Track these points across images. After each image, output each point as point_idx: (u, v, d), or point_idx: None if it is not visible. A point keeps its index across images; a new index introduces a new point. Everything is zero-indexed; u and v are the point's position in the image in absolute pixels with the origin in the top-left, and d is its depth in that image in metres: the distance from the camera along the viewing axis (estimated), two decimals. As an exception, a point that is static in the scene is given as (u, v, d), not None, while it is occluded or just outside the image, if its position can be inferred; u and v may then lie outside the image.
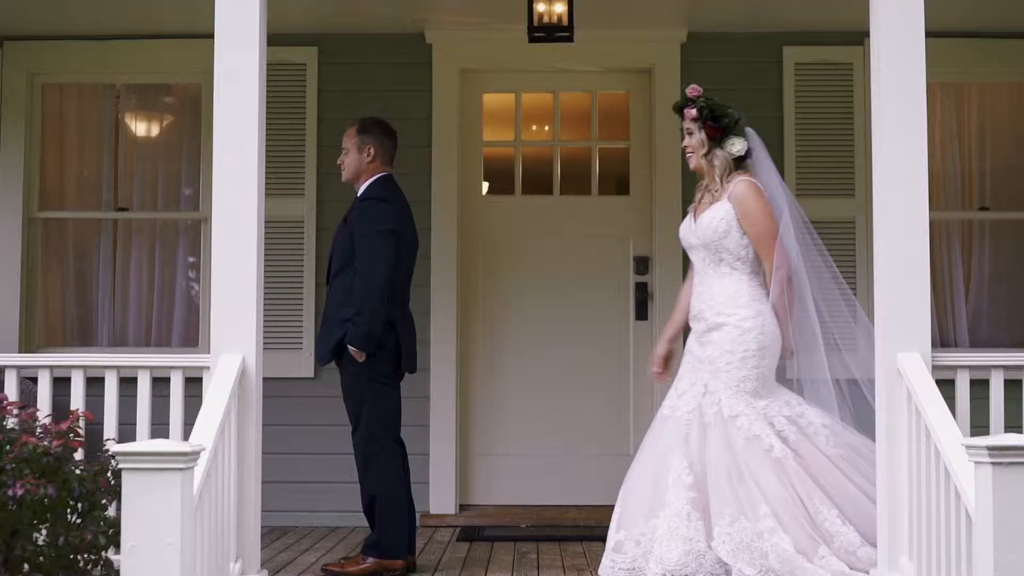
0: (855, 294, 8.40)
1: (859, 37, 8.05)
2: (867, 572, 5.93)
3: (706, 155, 6.48)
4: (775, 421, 6.20)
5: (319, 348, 6.85)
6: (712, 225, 6.36)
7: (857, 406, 6.34)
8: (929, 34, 6.00)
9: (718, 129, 6.45)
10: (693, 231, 6.46)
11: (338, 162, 6.97)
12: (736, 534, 5.94)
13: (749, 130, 6.54)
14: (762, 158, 6.54)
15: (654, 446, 6.31)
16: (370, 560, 6.54)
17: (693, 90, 6.55)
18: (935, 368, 5.83)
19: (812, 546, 5.95)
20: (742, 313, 6.29)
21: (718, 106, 6.48)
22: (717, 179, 6.45)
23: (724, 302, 6.33)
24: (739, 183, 6.38)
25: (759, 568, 5.88)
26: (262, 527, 6.08)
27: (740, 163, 6.48)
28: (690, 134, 6.52)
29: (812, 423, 6.25)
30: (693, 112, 6.48)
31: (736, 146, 6.45)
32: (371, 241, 6.59)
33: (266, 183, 6.25)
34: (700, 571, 5.97)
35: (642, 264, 8.80)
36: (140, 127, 9.12)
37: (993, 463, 4.51)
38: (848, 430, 6.29)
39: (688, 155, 6.57)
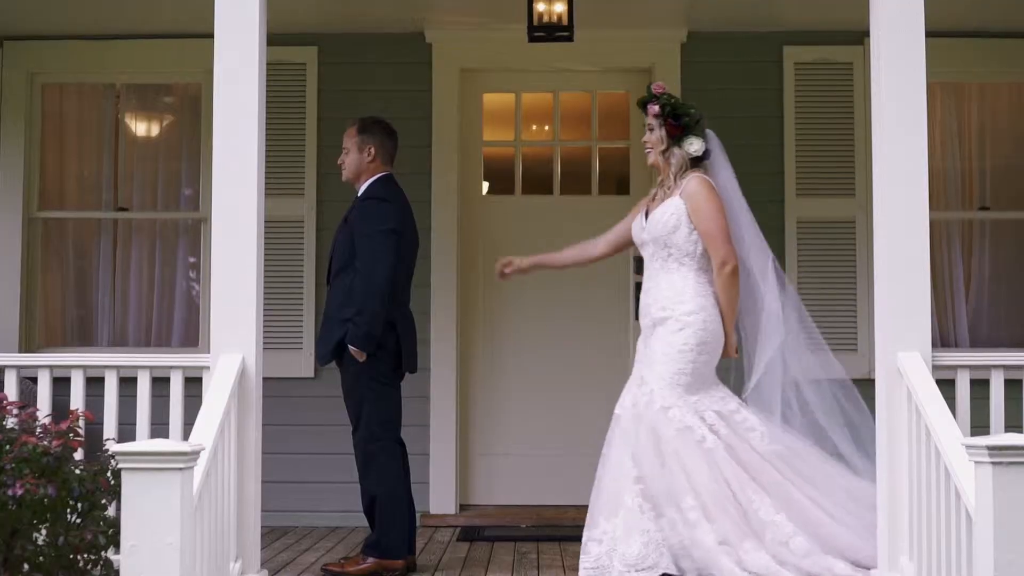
0: (855, 293, 8.50)
1: (859, 37, 8.05)
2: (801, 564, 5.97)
3: (664, 152, 6.54)
4: (706, 415, 6.25)
5: (319, 348, 6.84)
6: (663, 220, 6.42)
7: (805, 408, 6.40)
8: (929, 34, 6.00)
9: (678, 127, 6.50)
10: (644, 228, 6.52)
11: (339, 162, 6.96)
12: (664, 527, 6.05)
13: (709, 131, 6.61)
14: (720, 159, 6.60)
15: (608, 447, 6.40)
16: (370, 560, 6.53)
17: (657, 87, 6.61)
18: (935, 368, 5.83)
19: (739, 538, 5.99)
20: (685, 308, 6.35)
21: (680, 105, 6.55)
22: (672, 176, 6.52)
23: (669, 296, 6.40)
24: (692, 179, 6.44)
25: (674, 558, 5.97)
26: (262, 527, 6.08)
27: (697, 163, 6.54)
28: (651, 130, 6.59)
29: (747, 420, 6.30)
30: (655, 108, 6.54)
31: (694, 146, 6.51)
32: (372, 241, 6.59)
33: (266, 183, 6.25)
34: (662, 560, 6.01)
35: (642, 264, 8.75)
36: (140, 127, 9.12)
37: (993, 463, 4.51)
38: (787, 432, 6.32)
39: (647, 151, 6.63)
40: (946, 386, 5.81)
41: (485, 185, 9.26)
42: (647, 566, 5.99)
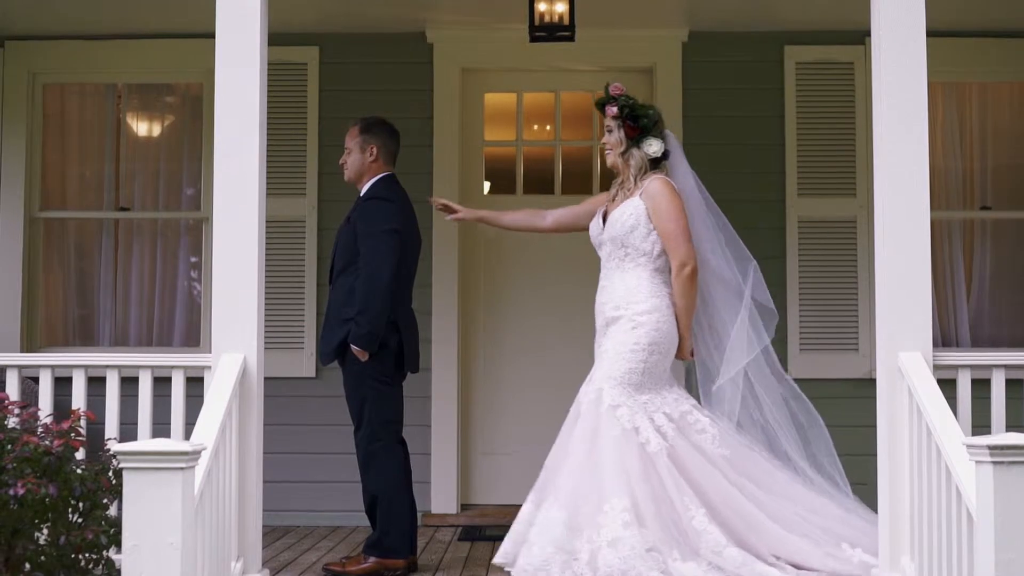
0: (856, 293, 8.49)
1: (860, 36, 8.05)
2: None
3: (623, 154, 6.57)
4: (655, 417, 6.27)
5: (322, 347, 6.85)
6: (621, 220, 6.45)
7: (760, 413, 6.45)
8: (930, 33, 6.00)
9: (636, 129, 6.53)
10: (602, 229, 6.55)
11: (340, 162, 6.97)
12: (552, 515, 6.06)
13: (668, 132, 6.65)
14: (679, 160, 6.63)
15: (555, 445, 6.45)
16: (371, 560, 6.54)
17: (615, 88, 6.62)
18: (936, 367, 5.83)
19: (667, 547, 5.96)
20: (638, 307, 6.37)
21: (639, 106, 6.57)
22: (632, 178, 6.54)
23: (623, 295, 6.43)
24: (653, 180, 6.46)
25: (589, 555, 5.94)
26: (264, 526, 6.08)
27: (657, 164, 6.57)
28: (609, 131, 6.61)
29: (699, 422, 6.32)
30: (613, 110, 6.56)
31: (653, 147, 6.53)
32: (375, 240, 6.59)
33: (267, 183, 6.25)
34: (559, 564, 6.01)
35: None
36: (141, 127, 9.12)
37: (994, 462, 4.50)
38: (737, 433, 6.34)
39: (606, 152, 6.65)
40: (947, 386, 5.81)
41: (487, 185, 9.25)
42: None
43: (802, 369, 8.54)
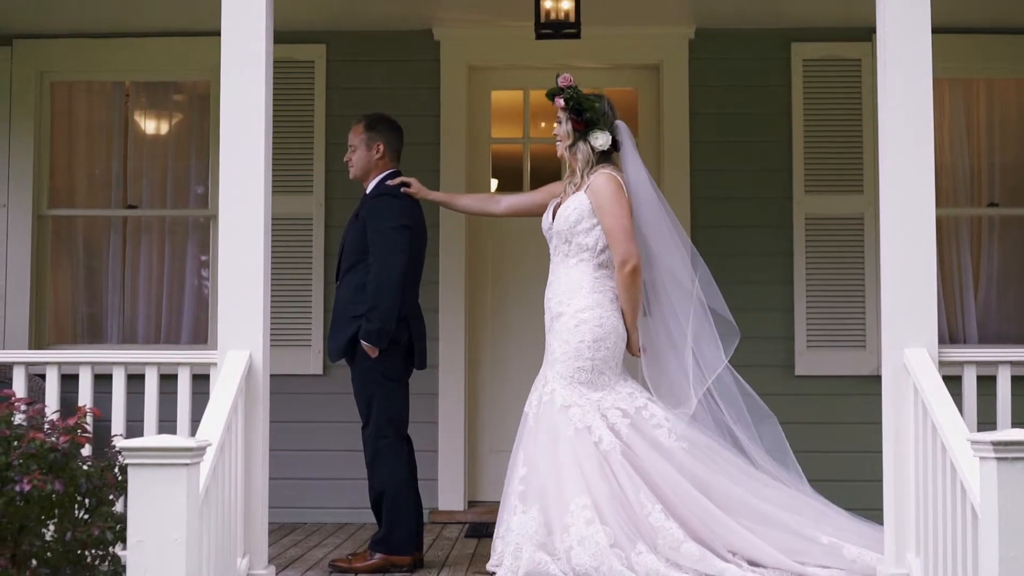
0: (863, 290, 8.48)
1: (867, 33, 8.04)
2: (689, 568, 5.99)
3: (570, 147, 6.54)
4: (608, 414, 6.26)
5: (331, 344, 6.84)
6: (565, 215, 6.45)
7: (713, 406, 6.42)
8: (937, 30, 5.99)
9: (580, 123, 6.49)
10: (551, 223, 6.54)
11: (345, 159, 6.98)
12: (532, 520, 6.08)
13: (619, 124, 6.58)
14: (630, 152, 6.57)
15: (516, 445, 6.46)
16: (377, 556, 6.55)
17: (563, 79, 6.57)
18: (942, 364, 5.83)
19: (631, 541, 5.99)
20: (580, 303, 6.37)
21: (584, 99, 6.51)
22: (579, 171, 6.52)
23: (566, 291, 6.42)
24: (598, 175, 6.43)
25: (539, 558, 5.99)
26: (271, 523, 6.10)
27: (607, 157, 6.52)
28: (559, 123, 6.60)
29: (654, 416, 6.30)
30: (560, 102, 6.54)
31: (599, 140, 6.49)
32: (384, 237, 6.60)
33: (275, 180, 6.27)
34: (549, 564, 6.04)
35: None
36: (149, 124, 9.14)
37: (998, 458, 4.51)
38: (693, 426, 6.32)
39: (556, 143, 6.62)
40: (954, 383, 5.82)
41: (494, 182, 9.26)
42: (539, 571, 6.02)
43: (809, 366, 8.56)
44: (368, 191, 6.87)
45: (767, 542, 6.08)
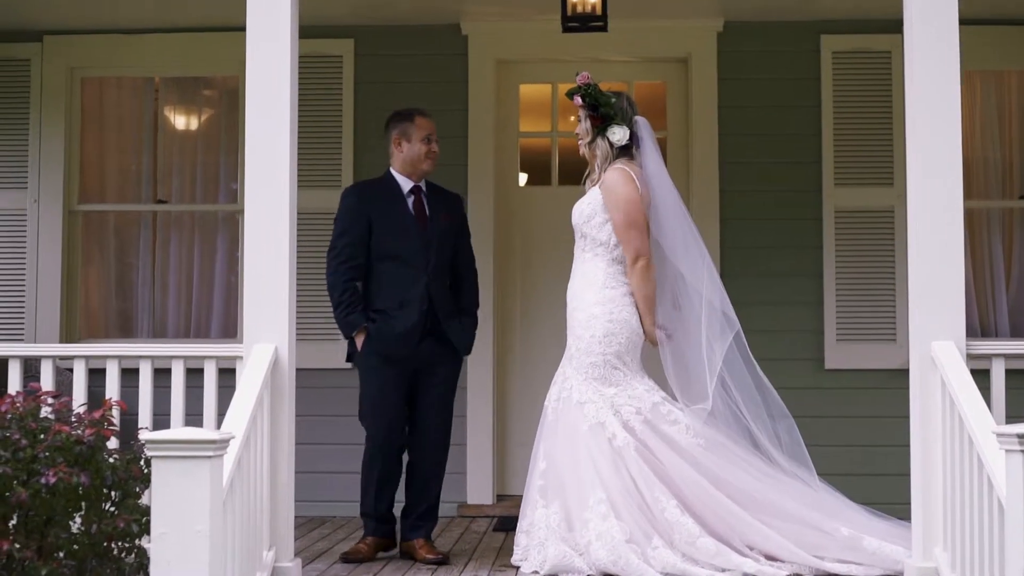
0: (894, 283, 8.43)
1: (897, 25, 7.88)
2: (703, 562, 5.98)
3: (590, 144, 6.56)
4: (622, 410, 6.27)
5: (466, 339, 6.92)
6: (580, 209, 6.49)
7: (731, 402, 6.39)
8: (967, 21, 5.96)
9: (598, 118, 6.50)
10: (574, 217, 6.58)
11: (435, 150, 6.97)
12: (553, 515, 6.13)
13: (639, 119, 6.57)
14: (649, 148, 6.55)
15: (537, 439, 6.50)
16: None
17: (582, 78, 6.59)
18: (970, 356, 5.79)
19: (646, 536, 6.00)
20: (592, 298, 6.39)
21: (600, 95, 6.51)
22: (597, 167, 6.53)
23: (581, 286, 6.46)
24: (611, 171, 6.44)
25: (564, 552, 6.04)
26: (301, 517, 6.12)
27: (627, 152, 6.51)
28: (580, 121, 6.61)
29: (671, 413, 6.30)
30: (579, 100, 6.55)
31: (616, 135, 6.49)
32: (470, 240, 7.03)
33: (303, 175, 6.29)
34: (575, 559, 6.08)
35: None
36: (179, 120, 9.17)
37: (1023, 451, 4.47)
38: (710, 424, 6.29)
39: (579, 142, 6.64)
40: (984, 376, 5.78)
41: (523, 176, 9.25)
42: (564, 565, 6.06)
43: (839, 360, 8.52)
44: (427, 185, 6.96)
45: (784, 536, 6.07)
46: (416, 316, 6.72)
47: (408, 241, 6.80)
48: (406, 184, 6.91)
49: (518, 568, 6.23)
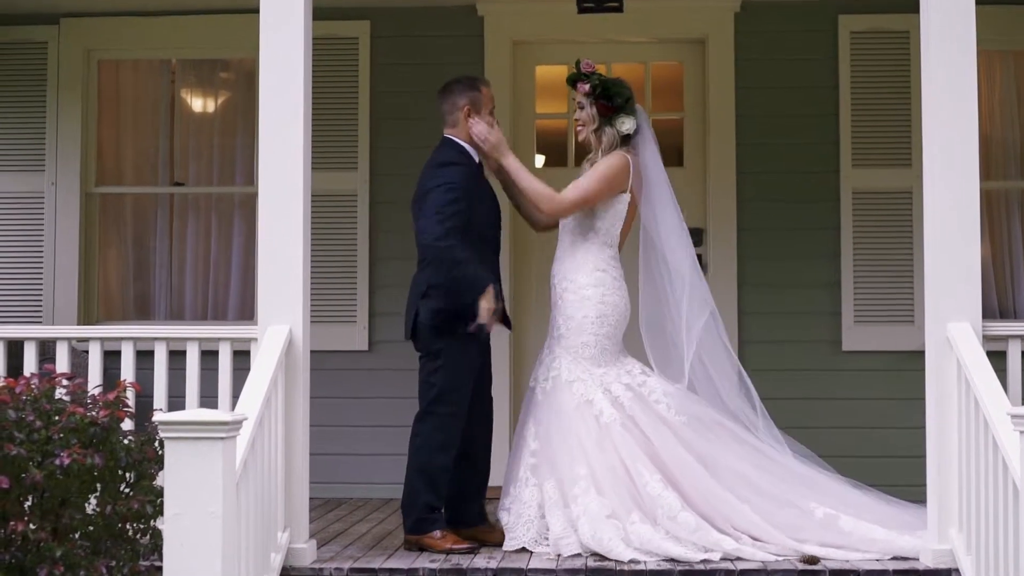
0: (911, 264, 8.38)
1: (915, 4, 7.86)
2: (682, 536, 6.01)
3: (596, 131, 6.61)
4: (612, 387, 6.36)
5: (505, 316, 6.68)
6: None
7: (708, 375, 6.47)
8: (982, 1, 5.91)
9: (610, 108, 6.56)
10: None
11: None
12: (549, 492, 6.22)
13: (639, 108, 6.66)
14: (647, 137, 6.65)
15: (523, 416, 6.56)
16: None
17: (587, 65, 6.63)
18: (986, 338, 5.78)
19: (626, 511, 6.06)
20: (583, 280, 6.47)
21: (611, 84, 6.58)
22: (601, 154, 6.60)
23: (571, 268, 6.52)
24: (613, 155, 6.53)
25: (564, 526, 6.12)
26: (317, 498, 6.13)
27: (627, 140, 6.59)
28: (581, 108, 6.66)
29: (654, 391, 6.38)
30: (586, 87, 6.59)
31: (626, 124, 6.57)
32: None
33: (319, 157, 6.29)
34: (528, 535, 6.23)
35: (696, 235, 8.62)
36: (196, 102, 9.18)
37: (1038, 433, 4.46)
38: (692, 400, 6.38)
39: (578, 129, 6.69)
40: (1000, 358, 5.75)
41: (540, 158, 9.23)
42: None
43: (857, 341, 8.48)
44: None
45: (764, 518, 6.09)
46: (499, 289, 6.44)
47: (489, 217, 6.64)
48: (475, 157, 6.65)
49: (532, 552, 6.23)
